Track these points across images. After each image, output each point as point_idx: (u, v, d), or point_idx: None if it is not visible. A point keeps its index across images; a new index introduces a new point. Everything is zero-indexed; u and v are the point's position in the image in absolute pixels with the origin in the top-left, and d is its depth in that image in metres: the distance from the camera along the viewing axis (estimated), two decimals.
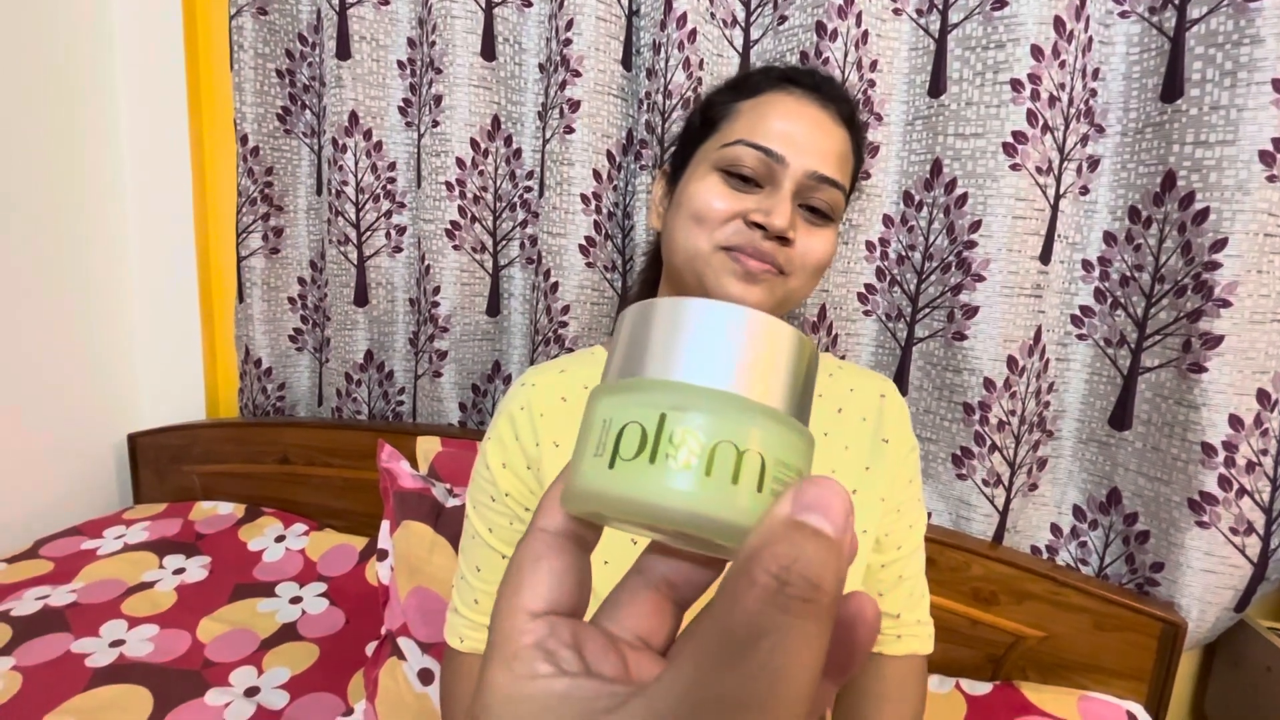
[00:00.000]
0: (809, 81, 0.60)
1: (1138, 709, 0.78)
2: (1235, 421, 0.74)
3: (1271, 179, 0.70)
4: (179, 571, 1.03)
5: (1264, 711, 0.78)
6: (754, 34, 0.93)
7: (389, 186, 1.12)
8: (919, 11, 0.86)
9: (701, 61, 0.91)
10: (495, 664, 0.18)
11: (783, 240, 0.55)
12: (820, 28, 0.86)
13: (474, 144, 1.04)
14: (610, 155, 0.97)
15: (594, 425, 0.19)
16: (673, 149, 0.70)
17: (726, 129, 0.59)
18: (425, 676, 0.78)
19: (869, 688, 0.63)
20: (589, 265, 0.99)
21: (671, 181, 0.64)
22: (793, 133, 0.56)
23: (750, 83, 0.61)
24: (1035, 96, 0.79)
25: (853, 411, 0.63)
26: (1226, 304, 0.73)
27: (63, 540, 1.09)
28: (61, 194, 1.17)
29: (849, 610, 0.18)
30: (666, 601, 0.21)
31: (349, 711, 0.81)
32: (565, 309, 1.00)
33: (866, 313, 0.93)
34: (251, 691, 0.82)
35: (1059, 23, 0.77)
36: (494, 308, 1.11)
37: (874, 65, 0.87)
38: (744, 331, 0.18)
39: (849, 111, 0.61)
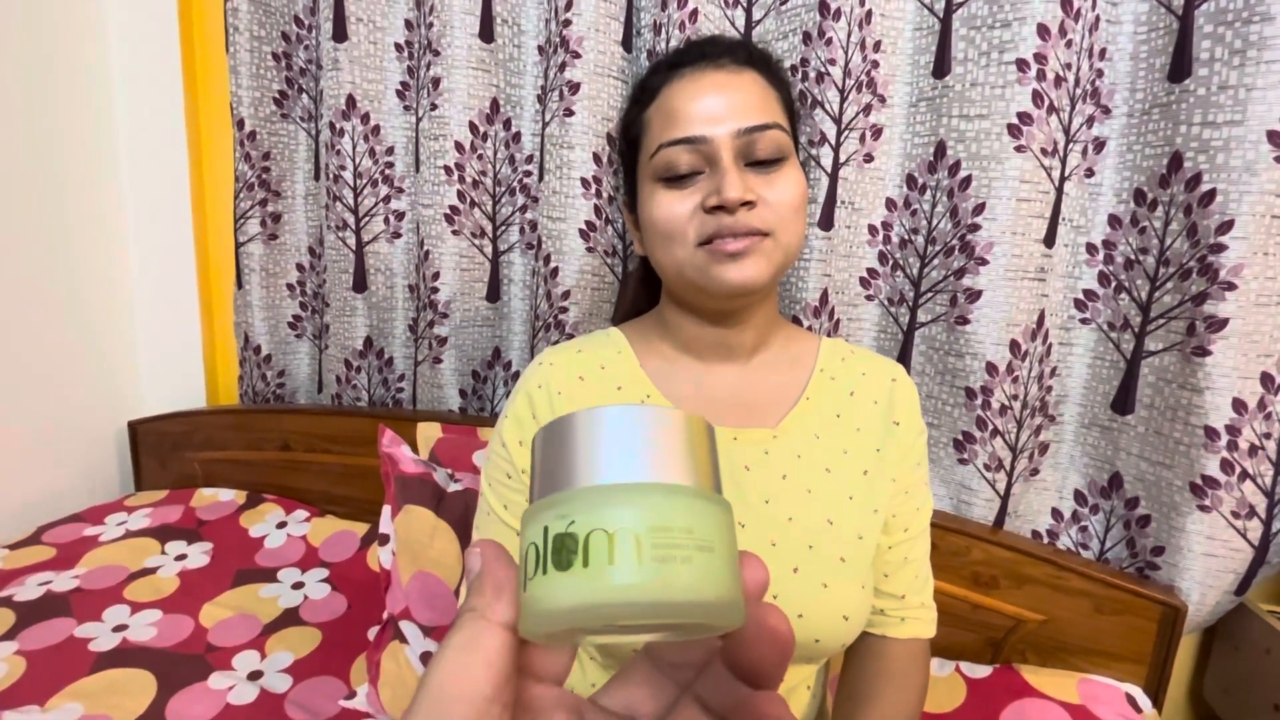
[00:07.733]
0: (695, 54, 0.60)
1: (1137, 691, 0.79)
2: (1239, 405, 0.74)
3: None
4: (181, 557, 1.03)
5: (1263, 694, 0.78)
6: (756, 14, 0.92)
7: (387, 171, 1.11)
8: None
9: None
10: None
11: (748, 205, 0.55)
12: (824, 7, 0.84)
13: (473, 127, 1.03)
14: (611, 138, 0.96)
15: (526, 553, 0.20)
16: (620, 183, 0.71)
17: (647, 141, 0.60)
18: (427, 660, 0.79)
19: (872, 669, 0.63)
20: (589, 250, 0.98)
21: (632, 210, 0.66)
22: (701, 108, 0.56)
23: (648, 89, 0.62)
24: (1041, 77, 0.78)
25: (864, 395, 0.64)
26: (1232, 287, 0.72)
27: (65, 527, 1.09)
28: (58, 181, 1.16)
29: (765, 623, 0.21)
30: (667, 681, 0.24)
31: (351, 695, 0.81)
32: (566, 294, 0.99)
33: (869, 297, 0.93)
34: (254, 675, 0.82)
35: (1066, 1, 0.76)
36: (494, 293, 1.10)
37: (878, 45, 0.86)
38: (623, 427, 0.20)
39: (744, 54, 0.60)
